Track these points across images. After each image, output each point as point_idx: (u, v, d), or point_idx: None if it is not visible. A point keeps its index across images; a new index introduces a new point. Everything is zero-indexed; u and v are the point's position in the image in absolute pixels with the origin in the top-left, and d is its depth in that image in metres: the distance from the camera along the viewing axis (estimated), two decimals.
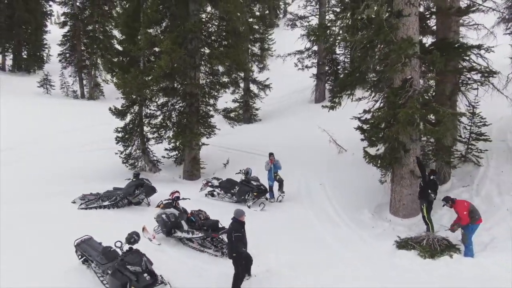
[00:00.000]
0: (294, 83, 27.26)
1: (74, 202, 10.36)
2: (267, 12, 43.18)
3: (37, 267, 6.94)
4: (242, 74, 17.93)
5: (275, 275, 6.18)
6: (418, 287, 5.48)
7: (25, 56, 31.72)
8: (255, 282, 6.05)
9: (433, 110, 7.12)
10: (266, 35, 26.36)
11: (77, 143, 18.16)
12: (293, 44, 23.69)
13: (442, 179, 9.26)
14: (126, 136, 14.54)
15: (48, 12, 33.70)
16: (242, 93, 22.87)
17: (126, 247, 6.03)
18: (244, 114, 23.19)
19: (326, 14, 21.93)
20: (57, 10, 34.39)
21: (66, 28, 26.90)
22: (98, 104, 26.05)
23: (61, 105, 23.35)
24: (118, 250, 6.10)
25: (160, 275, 5.98)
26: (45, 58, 32.51)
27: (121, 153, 14.48)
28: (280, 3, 44.19)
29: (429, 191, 7.50)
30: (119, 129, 14.63)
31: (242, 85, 21.27)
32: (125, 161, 14.51)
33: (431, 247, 6.43)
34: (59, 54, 27.07)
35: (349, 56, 22.51)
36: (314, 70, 23.24)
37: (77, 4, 26.01)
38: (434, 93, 9.40)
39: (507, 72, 10.47)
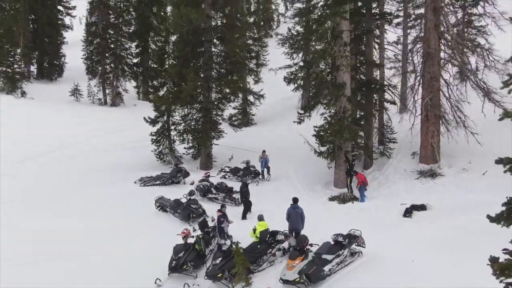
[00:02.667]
0: (285, 91, 33.57)
1: (135, 183, 16.77)
2: (262, 23, 49.83)
3: (134, 213, 13.31)
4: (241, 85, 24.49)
5: (264, 212, 12.59)
6: (333, 213, 12.00)
7: (46, 65, 37.85)
8: (253, 215, 12.52)
9: (349, 128, 13.64)
10: (261, 47, 32.91)
11: (113, 143, 24.33)
12: (284, 59, 30.06)
13: (367, 165, 15.86)
14: (158, 138, 20.94)
15: (67, 25, 39.87)
16: (241, 102, 29.25)
17: (188, 197, 12.51)
18: (243, 118, 29.42)
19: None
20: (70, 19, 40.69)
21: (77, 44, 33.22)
22: (119, 109, 32.38)
23: (91, 111, 29.65)
24: (183, 199, 12.55)
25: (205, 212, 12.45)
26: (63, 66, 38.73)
27: (155, 150, 20.86)
28: (274, 15, 50.77)
29: (352, 171, 14.04)
30: (152, 133, 20.96)
31: (240, 95, 27.77)
32: (157, 156, 20.87)
33: (344, 199, 12.99)
34: (86, 68, 33.36)
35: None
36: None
37: (101, 26, 32.34)
38: (363, 114, 15.99)
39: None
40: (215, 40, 21.28)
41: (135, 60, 35.85)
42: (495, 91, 14.05)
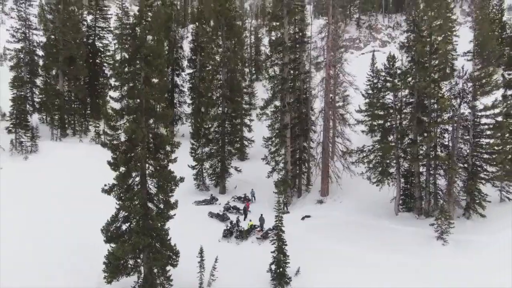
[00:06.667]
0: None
1: (192, 203, 39.32)
2: (254, 69, 73.02)
3: (200, 215, 35.83)
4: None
5: (251, 218, 35.30)
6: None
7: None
8: (249, 217, 35.30)
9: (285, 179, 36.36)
10: (253, 108, 55.63)
11: None
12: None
13: (299, 195, 38.82)
14: (197, 177, 43.57)
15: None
16: (239, 145, 52.05)
17: (222, 211, 35.32)
18: (240, 156, 52.26)
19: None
20: None
21: None
22: None
23: None
24: (220, 212, 35.34)
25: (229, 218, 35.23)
26: None
27: (195, 184, 43.48)
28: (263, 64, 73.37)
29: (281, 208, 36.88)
30: (193, 174, 43.53)
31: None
32: (196, 186, 43.46)
33: (283, 212, 35.85)
34: None
35: None
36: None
37: None
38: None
39: None
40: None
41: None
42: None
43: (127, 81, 23.96)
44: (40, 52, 56.52)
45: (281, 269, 24.43)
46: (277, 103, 38.38)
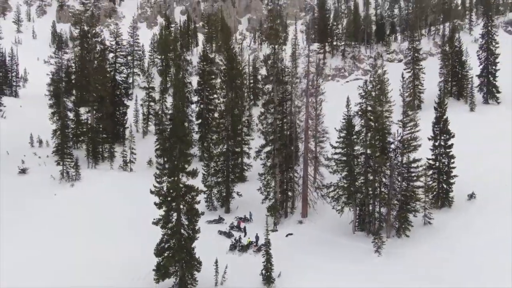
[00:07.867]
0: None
1: (205, 222, 53.64)
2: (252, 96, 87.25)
3: (210, 232, 50.14)
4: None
5: (249, 234, 49.61)
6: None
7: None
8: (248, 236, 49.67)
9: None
10: (251, 139, 69.97)
11: None
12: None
13: (285, 216, 53.24)
14: (208, 201, 57.88)
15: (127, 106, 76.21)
16: (239, 171, 66.38)
17: (228, 229, 49.74)
18: (241, 178, 66.63)
19: None
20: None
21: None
22: None
23: None
24: (226, 230, 49.71)
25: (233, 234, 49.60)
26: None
27: (207, 205, 57.78)
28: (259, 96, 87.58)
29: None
30: (204, 197, 57.90)
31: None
32: (207, 207, 57.78)
33: (273, 230, 50.06)
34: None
35: None
36: None
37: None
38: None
39: None
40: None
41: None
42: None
43: (169, 152, 38.01)
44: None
45: (268, 273, 38.72)
46: (269, 148, 52.49)
